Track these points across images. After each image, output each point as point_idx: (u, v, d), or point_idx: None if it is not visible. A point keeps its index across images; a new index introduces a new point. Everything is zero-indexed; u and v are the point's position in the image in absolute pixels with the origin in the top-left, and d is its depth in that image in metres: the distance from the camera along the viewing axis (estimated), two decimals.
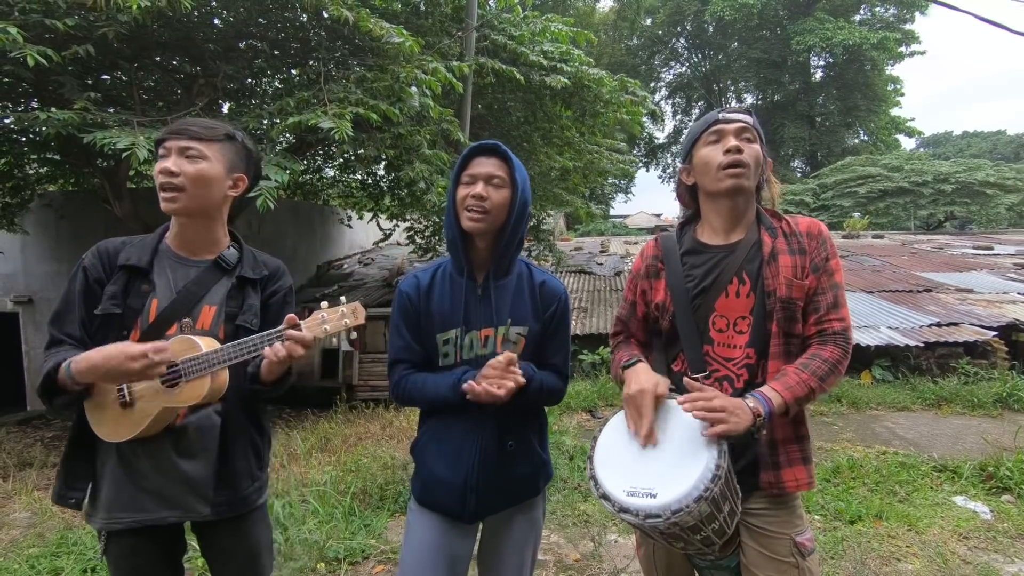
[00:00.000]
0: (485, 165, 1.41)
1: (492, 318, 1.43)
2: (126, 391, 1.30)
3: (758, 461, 1.35)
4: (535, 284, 1.50)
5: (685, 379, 1.30)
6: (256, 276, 1.47)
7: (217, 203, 1.41)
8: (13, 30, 3.30)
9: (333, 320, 1.27)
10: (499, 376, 1.32)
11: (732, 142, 1.35)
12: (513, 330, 1.45)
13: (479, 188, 1.38)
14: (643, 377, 1.34)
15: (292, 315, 1.29)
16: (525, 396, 1.37)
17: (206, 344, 1.29)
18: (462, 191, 1.41)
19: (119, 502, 1.34)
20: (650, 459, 1.26)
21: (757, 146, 1.38)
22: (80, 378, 1.21)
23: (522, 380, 1.33)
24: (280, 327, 1.29)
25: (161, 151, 1.35)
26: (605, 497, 1.23)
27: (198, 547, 1.52)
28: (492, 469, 1.43)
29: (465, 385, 1.32)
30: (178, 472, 1.35)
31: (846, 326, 1.35)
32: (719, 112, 1.41)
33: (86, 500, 1.37)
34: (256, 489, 1.48)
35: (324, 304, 1.29)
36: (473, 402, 1.33)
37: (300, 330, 1.28)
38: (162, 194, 1.34)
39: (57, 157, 6.00)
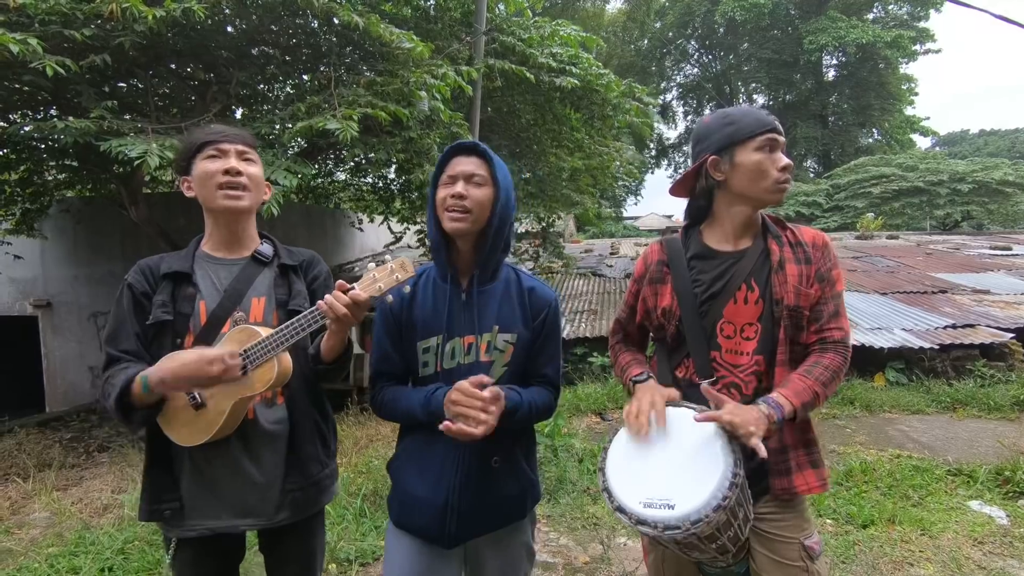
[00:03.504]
0: (464, 164, 1.36)
1: (475, 325, 1.36)
2: (196, 392, 1.31)
3: (765, 466, 1.35)
4: (524, 290, 1.43)
5: (703, 387, 1.30)
6: (295, 262, 1.51)
7: (259, 203, 1.50)
8: (33, 41, 3.38)
9: (384, 277, 1.25)
10: (476, 413, 1.22)
11: (786, 159, 1.35)
12: (500, 337, 1.37)
13: (459, 187, 1.33)
14: (654, 386, 1.38)
15: (341, 282, 1.26)
16: (512, 422, 1.31)
17: (264, 331, 1.29)
18: (442, 192, 1.36)
19: (195, 510, 1.36)
20: (665, 467, 1.23)
21: None
22: (158, 389, 1.22)
23: (494, 423, 1.23)
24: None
25: (211, 152, 1.39)
26: (621, 510, 1.20)
27: (259, 549, 1.54)
28: (475, 488, 1.34)
29: (442, 426, 1.23)
30: (249, 476, 1.37)
31: (845, 334, 1.37)
32: (771, 117, 1.36)
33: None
34: (326, 476, 1.50)
35: (372, 265, 1.28)
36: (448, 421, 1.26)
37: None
38: (227, 191, 1.38)
39: (75, 164, 6.11)
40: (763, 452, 1.16)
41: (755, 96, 32.07)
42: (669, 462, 1.24)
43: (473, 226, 1.34)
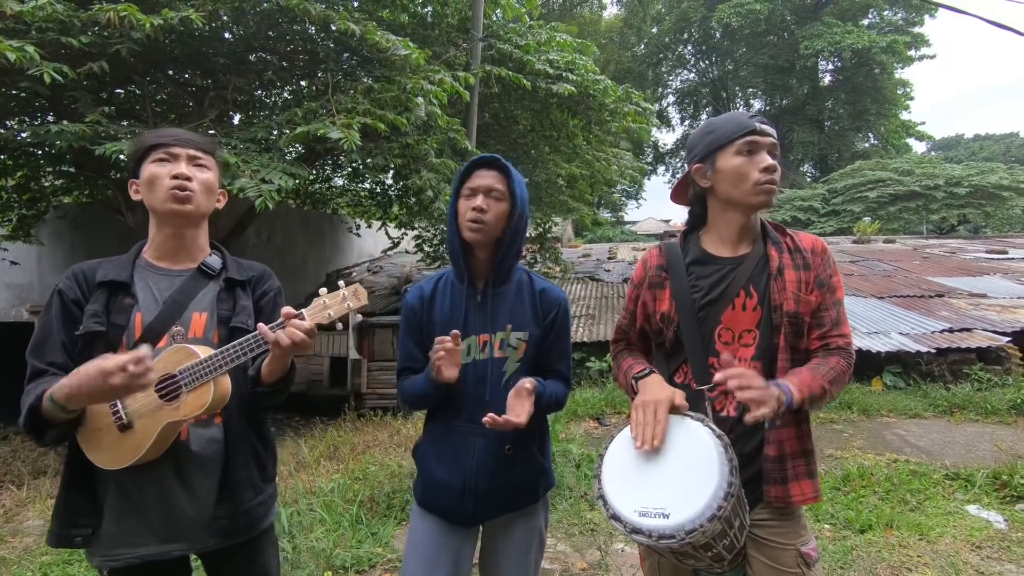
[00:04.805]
0: (485, 178, 1.45)
1: (489, 324, 1.48)
2: (122, 412, 1.21)
3: (762, 473, 1.35)
4: (535, 291, 1.55)
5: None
6: (244, 277, 1.42)
7: (210, 211, 1.40)
8: (31, 48, 3.39)
9: (335, 304, 1.22)
10: (519, 404, 1.38)
11: (768, 160, 1.34)
12: (513, 335, 1.49)
13: (479, 201, 1.43)
14: (657, 388, 1.33)
15: (288, 308, 1.21)
16: (538, 411, 1.43)
17: (203, 351, 1.21)
18: (463, 204, 1.47)
19: (120, 537, 1.25)
20: (660, 476, 1.22)
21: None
22: (67, 404, 1.11)
23: (531, 410, 1.38)
24: (278, 320, 1.21)
25: (161, 155, 1.31)
26: (616, 518, 1.20)
27: (204, 571, 1.46)
28: (490, 473, 1.46)
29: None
30: (180, 500, 1.27)
31: (848, 341, 1.37)
32: (752, 119, 1.34)
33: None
34: (260, 503, 1.39)
35: (323, 291, 1.24)
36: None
37: (302, 319, 1.21)
38: (176, 193, 1.29)
39: (72, 169, 6.12)
40: (750, 421, 1.16)
41: (752, 101, 32.22)
42: (665, 470, 1.23)
43: (488, 237, 1.46)
